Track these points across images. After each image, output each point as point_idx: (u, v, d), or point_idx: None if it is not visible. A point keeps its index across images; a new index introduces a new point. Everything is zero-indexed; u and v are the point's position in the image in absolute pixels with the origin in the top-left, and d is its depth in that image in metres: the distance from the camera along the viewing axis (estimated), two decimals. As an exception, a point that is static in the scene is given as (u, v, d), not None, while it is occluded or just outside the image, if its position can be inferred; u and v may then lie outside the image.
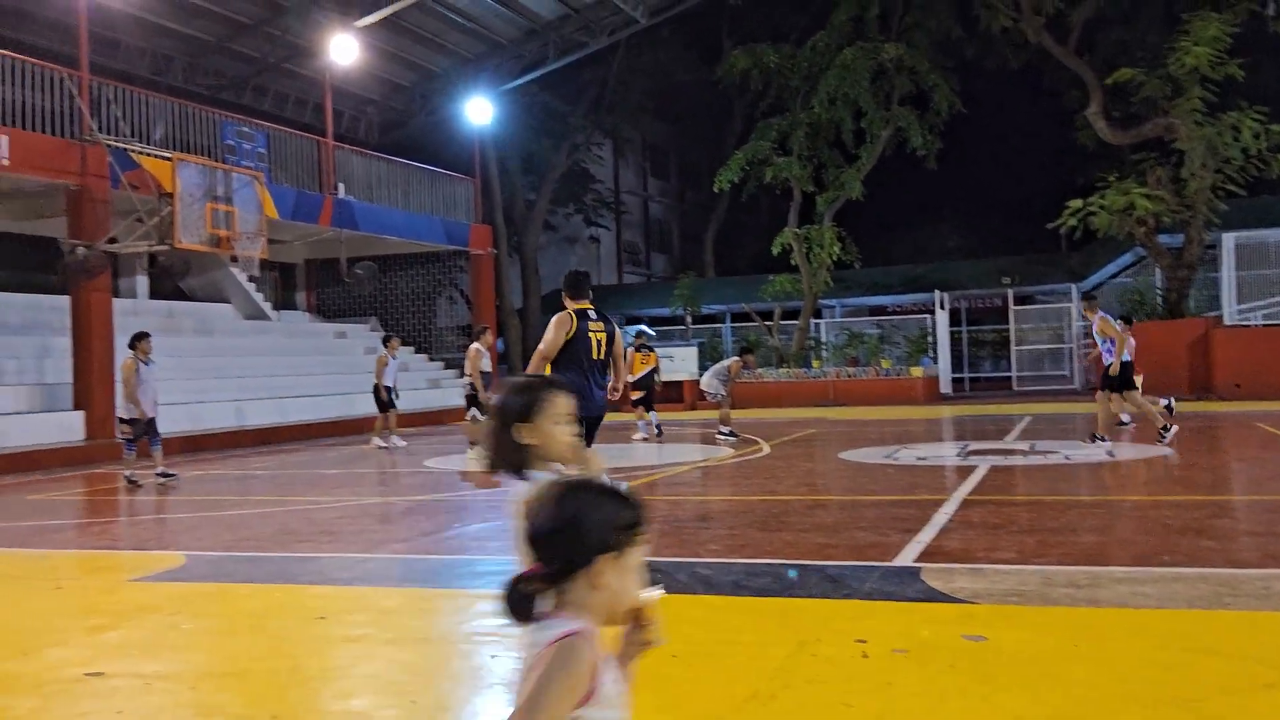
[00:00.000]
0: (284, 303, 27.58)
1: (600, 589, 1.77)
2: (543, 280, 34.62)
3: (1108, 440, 12.41)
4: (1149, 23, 26.29)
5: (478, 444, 13.84)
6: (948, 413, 21.04)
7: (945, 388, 26.69)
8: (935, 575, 5.74)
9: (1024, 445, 13.30)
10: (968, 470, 10.77)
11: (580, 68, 30.97)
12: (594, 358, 7.79)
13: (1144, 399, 13.27)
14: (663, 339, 29.76)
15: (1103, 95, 24.85)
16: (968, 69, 29.17)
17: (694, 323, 31.90)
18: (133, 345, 12.46)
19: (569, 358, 7.73)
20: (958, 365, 29.57)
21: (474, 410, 14.36)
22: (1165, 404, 12.94)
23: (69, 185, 16.72)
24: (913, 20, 27.55)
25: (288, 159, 22.26)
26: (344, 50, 22.78)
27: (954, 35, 27.51)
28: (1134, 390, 13.00)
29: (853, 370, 26.20)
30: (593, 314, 7.90)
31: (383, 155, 25.69)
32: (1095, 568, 5.87)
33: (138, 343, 12.43)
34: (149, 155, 17.30)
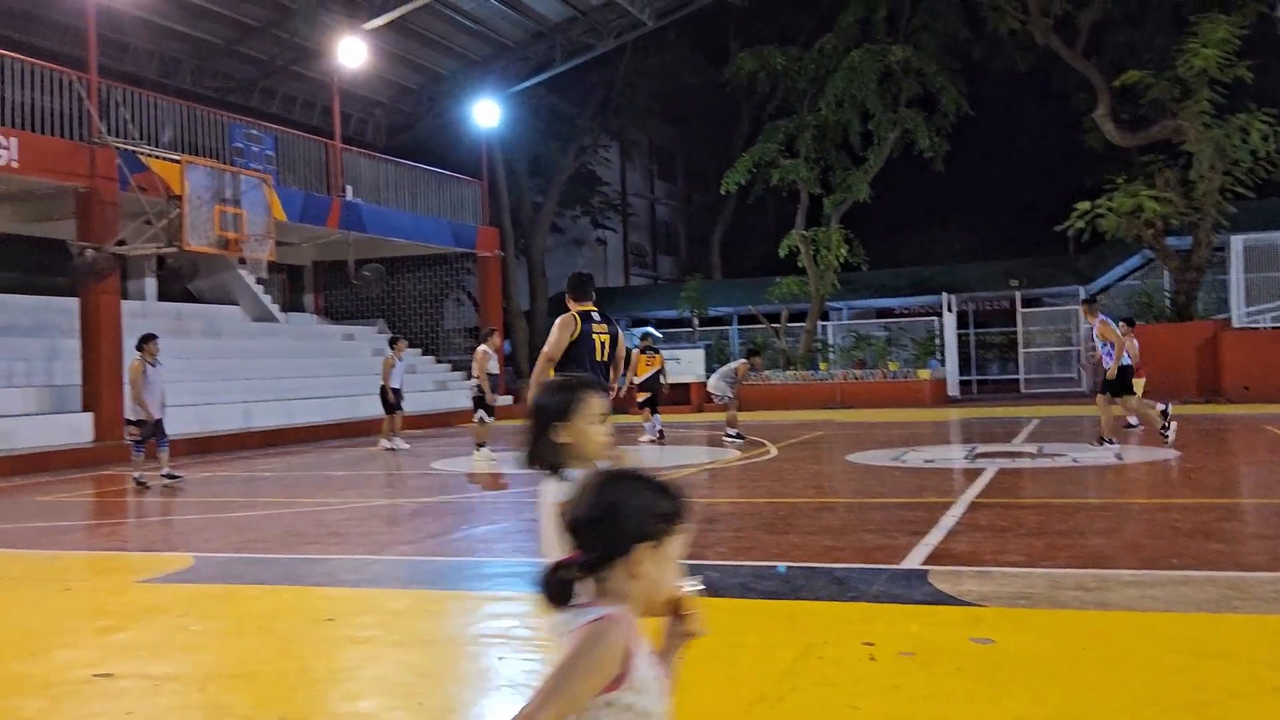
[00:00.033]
0: (292, 305, 27.65)
1: (638, 578, 1.78)
2: (550, 282, 34.63)
3: (1115, 443, 12.38)
4: (1157, 25, 26.22)
5: (484, 445, 13.92)
6: (955, 415, 21.00)
7: (953, 390, 26.64)
8: (943, 578, 5.74)
9: (1032, 448, 13.28)
10: (975, 473, 10.76)
11: (587, 70, 30.98)
12: (598, 359, 7.82)
13: (1142, 403, 13.19)
14: (669, 341, 29.77)
15: (1111, 97, 24.80)
16: (975, 71, 29.12)
17: (701, 325, 31.90)
18: (140, 347, 12.48)
19: (573, 359, 7.75)
20: (965, 368, 29.52)
21: (481, 412, 14.38)
22: (1162, 409, 12.86)
23: (78, 188, 16.78)
24: (920, 22, 27.52)
25: (295, 161, 22.32)
26: (352, 53, 22.84)
27: (961, 37, 27.49)
28: (1131, 395, 12.92)
29: (860, 373, 26.17)
30: (596, 316, 7.93)
31: (390, 158, 25.73)
32: (1103, 571, 5.86)
33: (145, 344, 12.45)
34: (158, 158, 17.38)
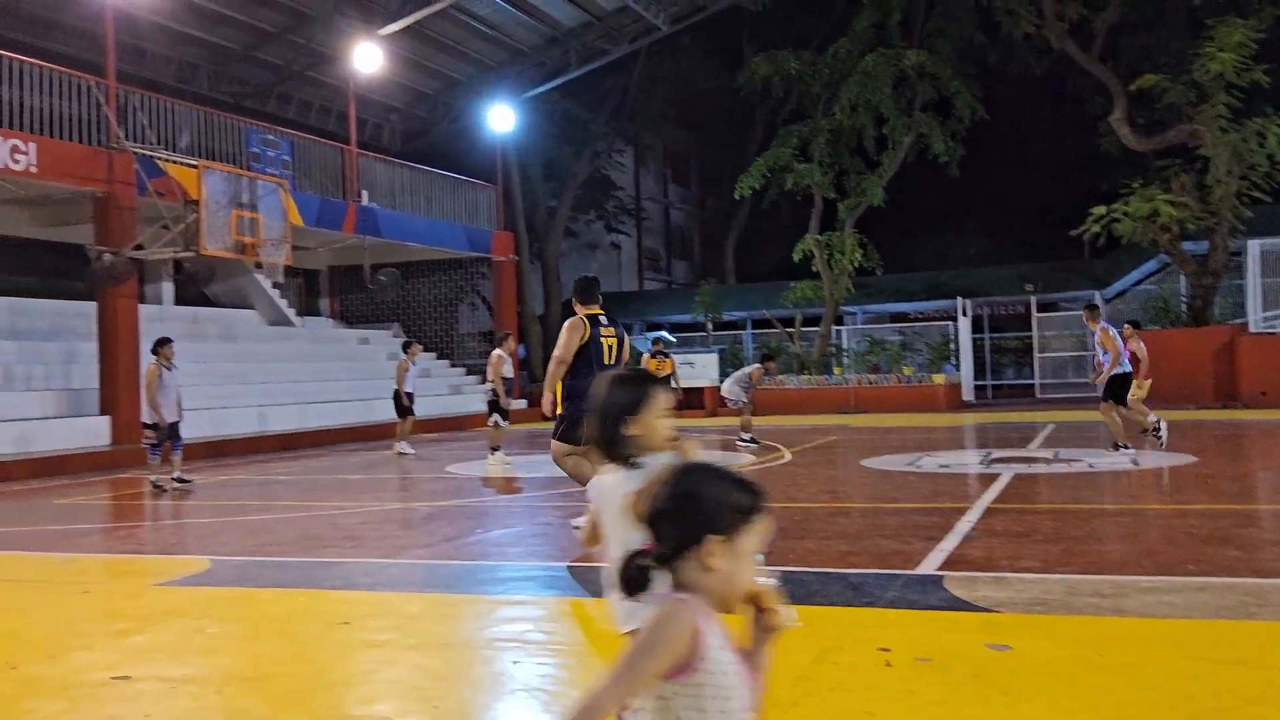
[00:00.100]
0: (308, 309, 27.76)
1: (711, 570, 1.78)
2: (564, 287, 34.66)
3: (1131, 448, 12.32)
4: (1173, 28, 26.09)
5: (498, 449, 13.94)
6: (970, 420, 20.93)
7: (968, 395, 26.54)
8: (958, 584, 5.72)
9: (1047, 453, 13.21)
10: (991, 478, 10.72)
11: (602, 75, 31.04)
12: (605, 362, 7.87)
13: (1136, 410, 13.02)
14: (684, 345, 29.75)
15: (1126, 101, 24.69)
16: (990, 75, 29.03)
17: (715, 329, 31.88)
18: (155, 351, 12.54)
19: (581, 362, 7.80)
20: (980, 372, 29.40)
21: (496, 416, 14.40)
22: (1154, 420, 12.72)
23: (96, 192, 16.90)
24: (935, 27, 27.46)
25: (312, 166, 22.42)
26: (367, 58, 22.94)
27: (976, 41, 27.41)
28: (1113, 405, 12.71)
29: (874, 377, 26.11)
30: (604, 319, 7.98)
31: (406, 162, 25.82)
32: (1120, 577, 5.83)
33: (160, 348, 12.51)
34: (175, 163, 17.48)
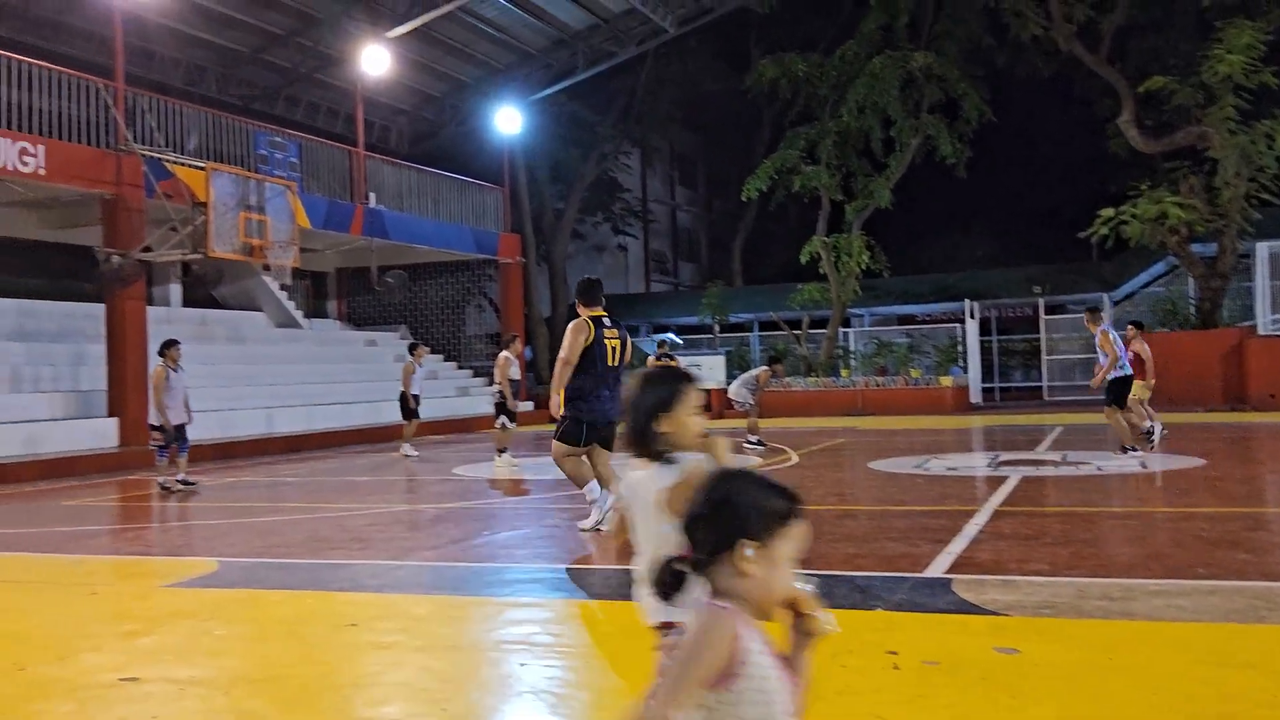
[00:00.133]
0: (315, 311, 27.81)
1: (746, 576, 1.78)
2: (571, 289, 34.68)
3: (1139, 450, 12.28)
4: (1181, 30, 26.03)
5: (505, 451, 13.94)
6: (978, 423, 20.89)
7: (975, 397, 26.50)
8: (967, 587, 5.71)
9: (1056, 456, 13.17)
10: (999, 481, 10.69)
11: (609, 77, 31.06)
12: (609, 364, 7.90)
13: (1135, 412, 12.95)
14: (690, 347, 29.75)
15: (1134, 103, 24.63)
16: (998, 77, 28.99)
17: (722, 331, 31.86)
18: (162, 353, 12.54)
19: (585, 364, 7.83)
20: (988, 375, 29.33)
21: (503, 418, 14.40)
22: (1148, 426, 12.66)
23: (104, 195, 16.94)
24: (942, 29, 27.43)
25: (319, 168, 22.47)
26: (375, 61, 22.98)
27: (984, 43, 27.37)
28: (1116, 408, 12.66)
29: (881, 379, 26.08)
30: (607, 321, 8.01)
31: (413, 165, 25.86)
32: (1129, 580, 5.81)
33: (167, 350, 12.51)
34: (183, 165, 17.52)
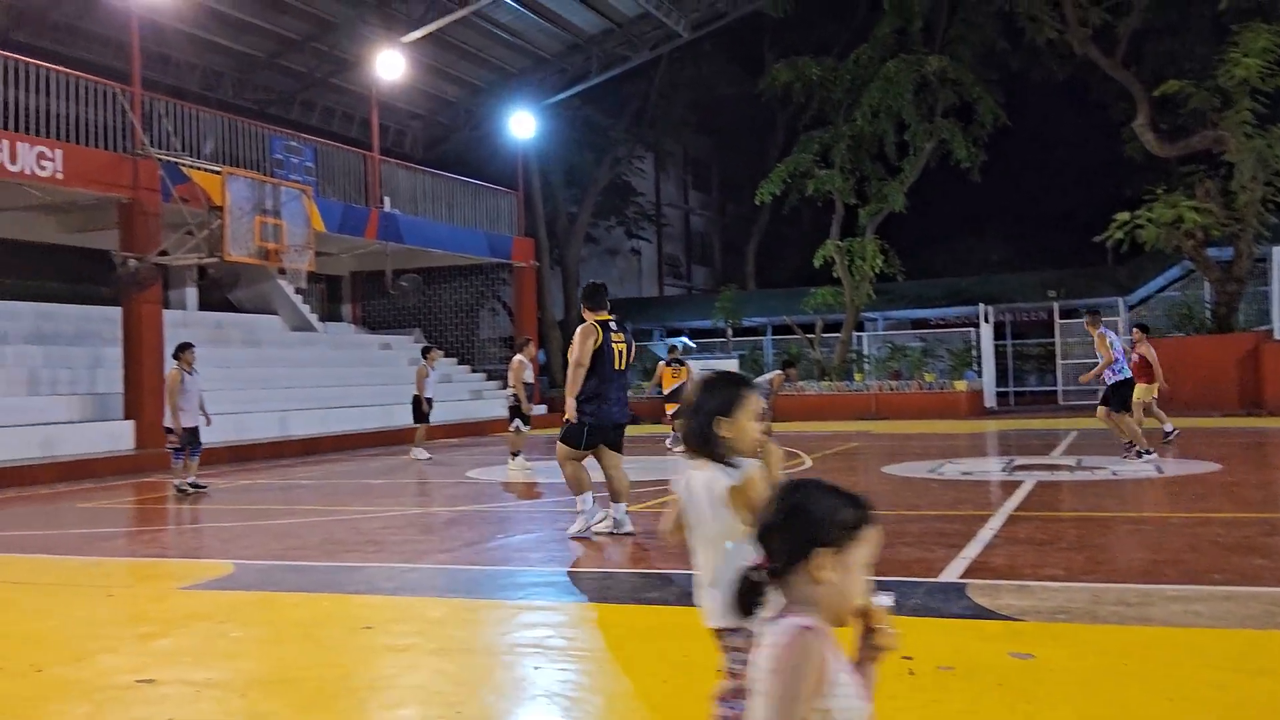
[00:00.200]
0: (330, 314, 27.90)
1: (821, 584, 1.80)
2: (584, 293, 34.74)
3: (1153, 453, 12.23)
4: (1197, 34, 25.92)
5: (519, 454, 13.97)
6: (992, 427, 20.82)
7: (990, 402, 26.41)
8: (981, 592, 5.69)
9: (1070, 460, 13.12)
10: (1013, 485, 10.66)
11: (622, 81, 31.10)
12: (615, 368, 7.99)
13: (1134, 414, 12.86)
14: (704, 351, 29.73)
15: (1150, 107, 24.54)
16: (1013, 81, 28.91)
17: (735, 335, 31.83)
18: (177, 356, 12.60)
19: (593, 367, 7.92)
20: (1002, 379, 29.23)
21: (517, 421, 14.42)
22: (1139, 438, 12.56)
23: (121, 199, 17.04)
24: (957, 33, 27.37)
25: (335, 173, 22.56)
26: (390, 65, 23.05)
27: (998, 47, 27.32)
28: (1108, 409, 12.59)
29: (895, 384, 26.03)
30: (613, 325, 8.10)
31: (428, 169, 25.95)
32: (1145, 585, 5.79)
33: (181, 353, 12.56)
34: (199, 169, 17.61)
